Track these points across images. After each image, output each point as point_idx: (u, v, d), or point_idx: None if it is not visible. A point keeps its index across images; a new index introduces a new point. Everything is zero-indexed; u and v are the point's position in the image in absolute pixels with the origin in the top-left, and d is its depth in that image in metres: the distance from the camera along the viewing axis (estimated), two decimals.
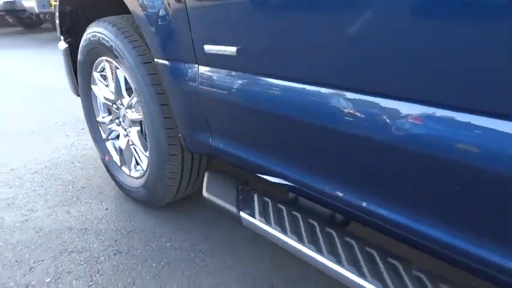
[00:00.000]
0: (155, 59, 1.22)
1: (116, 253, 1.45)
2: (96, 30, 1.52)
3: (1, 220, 1.66)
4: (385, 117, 0.72)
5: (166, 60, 1.17)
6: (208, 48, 1.01)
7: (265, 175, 1.07)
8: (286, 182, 1.01)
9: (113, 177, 1.81)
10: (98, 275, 1.34)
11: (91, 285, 1.30)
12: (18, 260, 1.42)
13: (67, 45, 1.87)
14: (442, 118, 0.64)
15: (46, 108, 3.22)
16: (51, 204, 1.77)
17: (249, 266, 1.37)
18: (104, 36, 1.47)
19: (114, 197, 1.83)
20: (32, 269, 1.37)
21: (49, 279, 1.33)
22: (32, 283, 1.31)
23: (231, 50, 0.94)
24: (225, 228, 1.58)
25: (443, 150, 0.65)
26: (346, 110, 0.78)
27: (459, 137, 0.62)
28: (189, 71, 1.11)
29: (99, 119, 1.81)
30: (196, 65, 1.09)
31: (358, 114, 0.76)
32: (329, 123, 0.82)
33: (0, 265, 1.39)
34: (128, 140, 1.65)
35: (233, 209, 1.06)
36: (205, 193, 1.17)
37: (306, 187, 0.96)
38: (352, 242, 0.88)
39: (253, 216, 1.02)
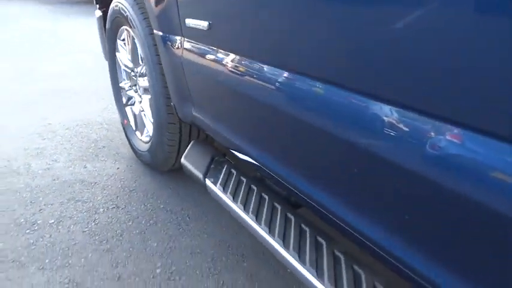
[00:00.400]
0: (154, 30, 1.30)
1: (114, 207, 1.59)
2: (118, 1, 1.64)
3: (28, 166, 1.87)
4: (342, 108, 0.68)
5: (160, 31, 1.24)
6: (188, 21, 1.07)
7: (235, 150, 1.11)
8: (251, 160, 1.04)
9: (129, 140, 1.96)
10: (93, 223, 1.49)
11: (85, 231, 1.45)
12: (33, 201, 1.61)
13: (101, 13, 2.02)
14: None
15: (94, 73, 3.49)
16: (73, 158, 1.96)
17: (227, 236, 1.44)
18: (123, 7, 1.58)
19: (128, 158, 1.98)
20: (41, 210, 1.55)
21: (52, 221, 1.49)
22: (38, 222, 1.49)
23: (204, 24, 0.98)
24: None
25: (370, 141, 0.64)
26: (307, 97, 0.76)
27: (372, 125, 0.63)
28: (176, 42, 1.18)
29: (121, 84, 1.95)
30: (181, 37, 1.16)
31: (316, 102, 0.74)
32: (289, 108, 0.81)
33: (18, 203, 1.59)
34: (140, 106, 1.77)
35: (200, 176, 1.13)
36: (182, 159, 1.24)
37: (267, 168, 0.98)
38: (292, 218, 0.91)
39: (215, 185, 1.08)
